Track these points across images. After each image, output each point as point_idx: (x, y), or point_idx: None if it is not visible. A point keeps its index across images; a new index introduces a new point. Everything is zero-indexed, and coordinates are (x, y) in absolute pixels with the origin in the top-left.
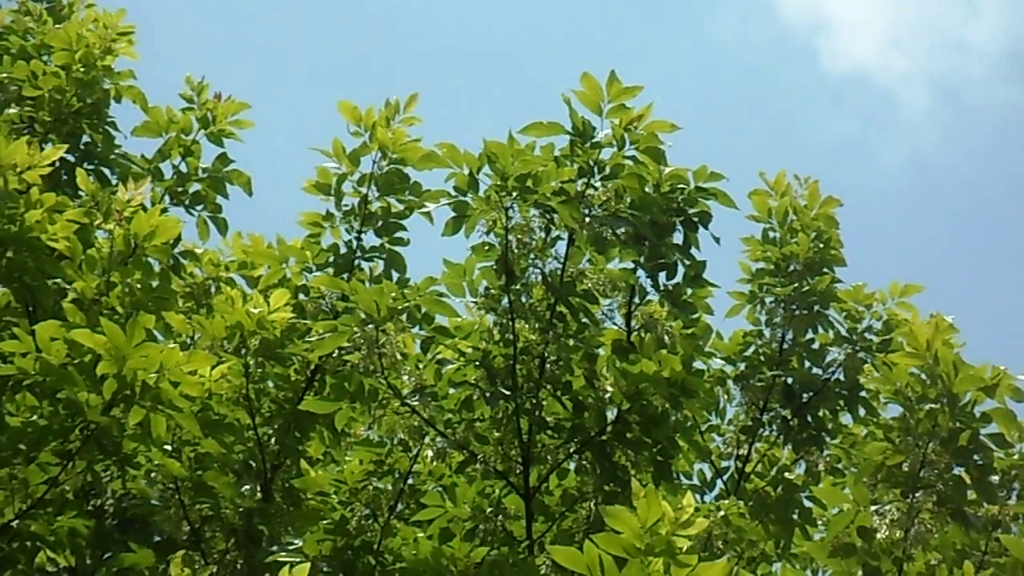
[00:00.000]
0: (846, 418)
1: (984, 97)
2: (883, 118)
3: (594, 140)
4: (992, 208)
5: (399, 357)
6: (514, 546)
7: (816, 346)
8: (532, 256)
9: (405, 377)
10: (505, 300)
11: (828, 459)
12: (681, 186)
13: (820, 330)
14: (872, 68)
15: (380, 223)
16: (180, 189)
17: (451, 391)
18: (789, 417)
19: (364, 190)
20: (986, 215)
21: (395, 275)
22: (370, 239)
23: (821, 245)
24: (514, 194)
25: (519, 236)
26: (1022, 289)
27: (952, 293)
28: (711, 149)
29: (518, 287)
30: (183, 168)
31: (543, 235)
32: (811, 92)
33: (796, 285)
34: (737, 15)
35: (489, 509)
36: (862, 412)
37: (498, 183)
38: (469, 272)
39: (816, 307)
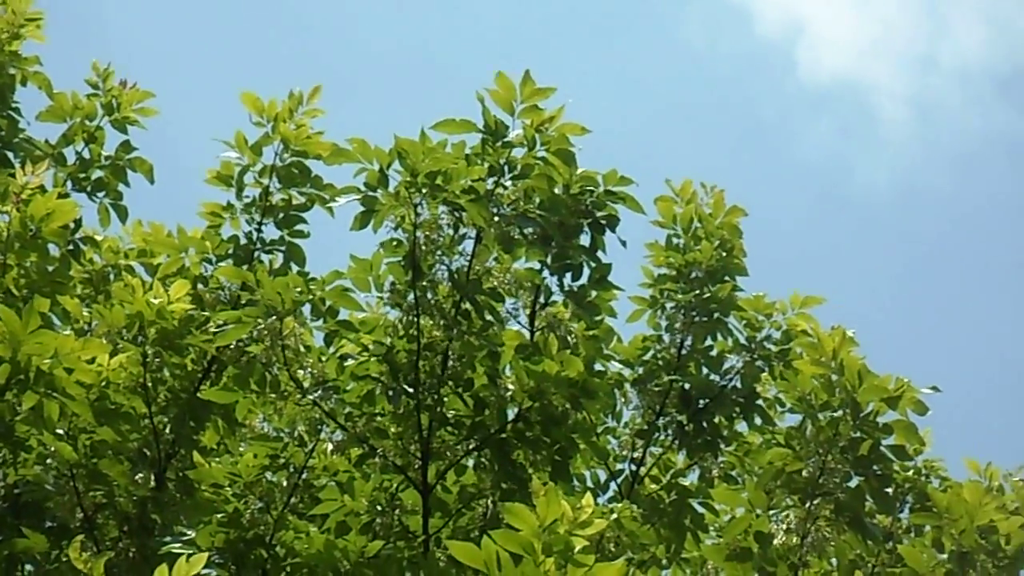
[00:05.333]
0: (741, 426)
1: (959, 116)
2: (862, 131)
3: (505, 139)
4: (968, 227)
5: (302, 349)
6: (410, 541)
7: (714, 353)
8: (439, 253)
9: (306, 370)
10: (411, 296)
11: (722, 466)
12: (591, 188)
13: (719, 337)
14: (850, 80)
15: (281, 215)
16: (83, 175)
17: (352, 385)
18: (685, 422)
19: (266, 182)
20: (962, 234)
21: (294, 268)
22: (270, 231)
23: (724, 253)
24: (424, 191)
25: (427, 233)
26: (1002, 307)
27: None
28: (682, 157)
29: (424, 283)
30: (86, 154)
31: (451, 232)
32: (788, 102)
33: (697, 292)
34: (708, 21)
35: (386, 503)
36: (758, 420)
37: (408, 179)
38: (376, 267)
39: (716, 314)
